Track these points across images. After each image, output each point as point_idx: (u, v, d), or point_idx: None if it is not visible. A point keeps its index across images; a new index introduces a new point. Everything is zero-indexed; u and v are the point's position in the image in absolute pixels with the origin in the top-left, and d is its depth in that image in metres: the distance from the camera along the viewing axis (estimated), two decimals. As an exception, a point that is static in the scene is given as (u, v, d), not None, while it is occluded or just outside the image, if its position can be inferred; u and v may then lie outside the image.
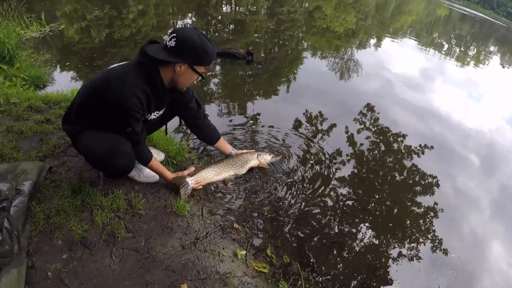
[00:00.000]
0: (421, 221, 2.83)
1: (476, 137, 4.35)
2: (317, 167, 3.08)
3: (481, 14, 30.68)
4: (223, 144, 2.80)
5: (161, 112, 2.23)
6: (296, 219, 2.60)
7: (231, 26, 7.60)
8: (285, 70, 4.92)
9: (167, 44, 1.90)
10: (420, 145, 3.60)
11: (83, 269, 1.81)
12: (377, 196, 3.02)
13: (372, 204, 2.94)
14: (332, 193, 2.94)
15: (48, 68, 4.10)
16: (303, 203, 2.76)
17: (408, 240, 2.69)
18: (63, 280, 1.74)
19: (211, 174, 2.62)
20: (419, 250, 2.63)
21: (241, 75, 4.36)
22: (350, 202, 2.91)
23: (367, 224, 2.75)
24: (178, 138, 3.21)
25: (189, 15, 7.92)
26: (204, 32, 1.94)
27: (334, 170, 3.13)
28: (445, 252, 2.63)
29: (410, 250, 2.61)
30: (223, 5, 9.85)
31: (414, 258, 2.56)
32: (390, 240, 2.66)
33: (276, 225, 2.51)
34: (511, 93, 7.16)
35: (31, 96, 3.20)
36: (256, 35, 6.48)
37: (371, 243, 2.61)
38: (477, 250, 2.76)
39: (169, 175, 2.38)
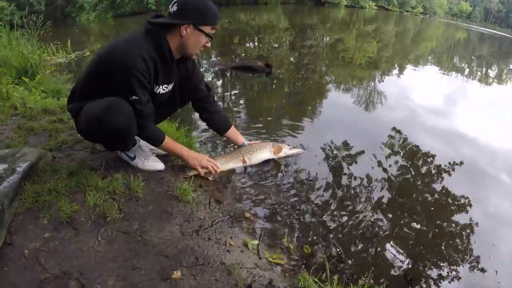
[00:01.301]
0: (452, 239, 2.43)
1: (506, 156, 3.99)
2: (345, 187, 2.80)
3: (499, 33, 30.11)
4: (235, 133, 2.68)
5: (170, 87, 2.18)
6: (318, 209, 2.36)
7: (257, 63, 7.76)
8: (309, 103, 4.89)
9: (170, 11, 1.93)
10: (450, 168, 3.33)
11: (63, 249, 1.64)
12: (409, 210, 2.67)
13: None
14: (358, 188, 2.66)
15: (70, 85, 4.30)
16: (327, 197, 2.52)
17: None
18: (39, 259, 1.58)
19: (219, 164, 2.47)
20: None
21: (265, 109, 4.36)
22: (380, 199, 2.62)
23: (401, 215, 2.46)
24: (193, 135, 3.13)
25: (213, 52, 8.23)
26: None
27: (361, 186, 2.85)
28: (483, 271, 2.18)
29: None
30: (246, 42, 10.27)
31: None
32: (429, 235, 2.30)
33: (295, 214, 2.26)
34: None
35: (47, 102, 3.31)
36: (279, 70, 6.58)
37: (409, 232, 2.32)
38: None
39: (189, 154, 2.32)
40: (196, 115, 2.69)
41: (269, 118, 4.02)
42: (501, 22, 72.02)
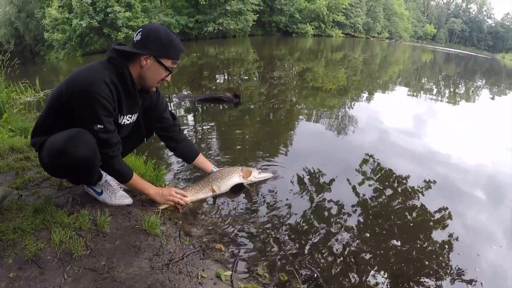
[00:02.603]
0: (434, 255, 2.53)
1: (479, 170, 4.21)
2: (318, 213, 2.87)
3: (464, 52, 32.05)
4: (203, 161, 2.73)
5: (134, 118, 2.22)
6: (294, 235, 2.41)
7: (225, 94, 7.96)
8: (280, 132, 5.05)
9: (134, 39, 1.97)
10: (425, 186, 3.49)
11: (28, 288, 1.62)
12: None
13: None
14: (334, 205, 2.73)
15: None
16: (302, 223, 2.58)
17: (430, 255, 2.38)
18: (3, 300, 1.55)
19: (189, 195, 2.53)
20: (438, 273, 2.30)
21: (236, 139, 4.47)
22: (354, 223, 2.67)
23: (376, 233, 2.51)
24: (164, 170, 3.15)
25: (183, 87, 8.44)
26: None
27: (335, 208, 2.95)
28: (471, 282, 2.27)
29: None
30: (216, 75, 10.61)
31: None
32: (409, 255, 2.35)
33: (269, 242, 2.30)
34: (504, 122, 7.13)
35: (14, 141, 3.29)
36: (250, 101, 6.77)
37: (390, 251, 2.37)
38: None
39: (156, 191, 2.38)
40: (164, 147, 2.73)
41: (239, 147, 4.12)
42: (465, 42, 76.62)
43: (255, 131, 4.93)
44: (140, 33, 1.94)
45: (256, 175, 2.90)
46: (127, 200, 2.34)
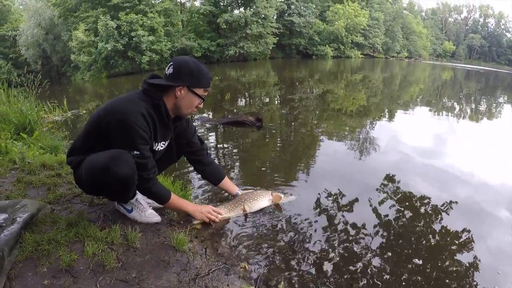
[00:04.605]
0: (456, 276, 2.50)
1: (502, 191, 4.10)
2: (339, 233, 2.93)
3: (484, 68, 31.57)
4: (229, 184, 2.87)
5: (166, 144, 2.39)
6: (314, 255, 2.48)
7: (248, 118, 8.12)
8: (301, 154, 5.15)
9: (166, 72, 2.17)
10: (446, 208, 3.46)
11: (63, 296, 1.73)
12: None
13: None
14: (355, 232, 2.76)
15: (67, 142, 4.50)
16: (323, 243, 2.64)
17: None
18: (38, 306, 1.66)
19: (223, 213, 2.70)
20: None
21: (258, 161, 4.58)
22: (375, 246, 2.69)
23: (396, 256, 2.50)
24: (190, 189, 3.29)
25: (206, 109, 8.69)
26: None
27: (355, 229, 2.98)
28: None
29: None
30: (237, 98, 11.06)
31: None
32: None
33: (291, 260, 2.38)
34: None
35: (45, 158, 3.49)
36: (271, 124, 6.90)
37: (410, 273, 2.36)
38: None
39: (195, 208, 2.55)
40: (191, 168, 2.87)
41: (263, 169, 4.22)
42: (485, 57, 76.12)
43: (276, 152, 5.03)
44: (172, 67, 2.14)
45: (283, 201, 3.06)
46: (156, 218, 2.47)
